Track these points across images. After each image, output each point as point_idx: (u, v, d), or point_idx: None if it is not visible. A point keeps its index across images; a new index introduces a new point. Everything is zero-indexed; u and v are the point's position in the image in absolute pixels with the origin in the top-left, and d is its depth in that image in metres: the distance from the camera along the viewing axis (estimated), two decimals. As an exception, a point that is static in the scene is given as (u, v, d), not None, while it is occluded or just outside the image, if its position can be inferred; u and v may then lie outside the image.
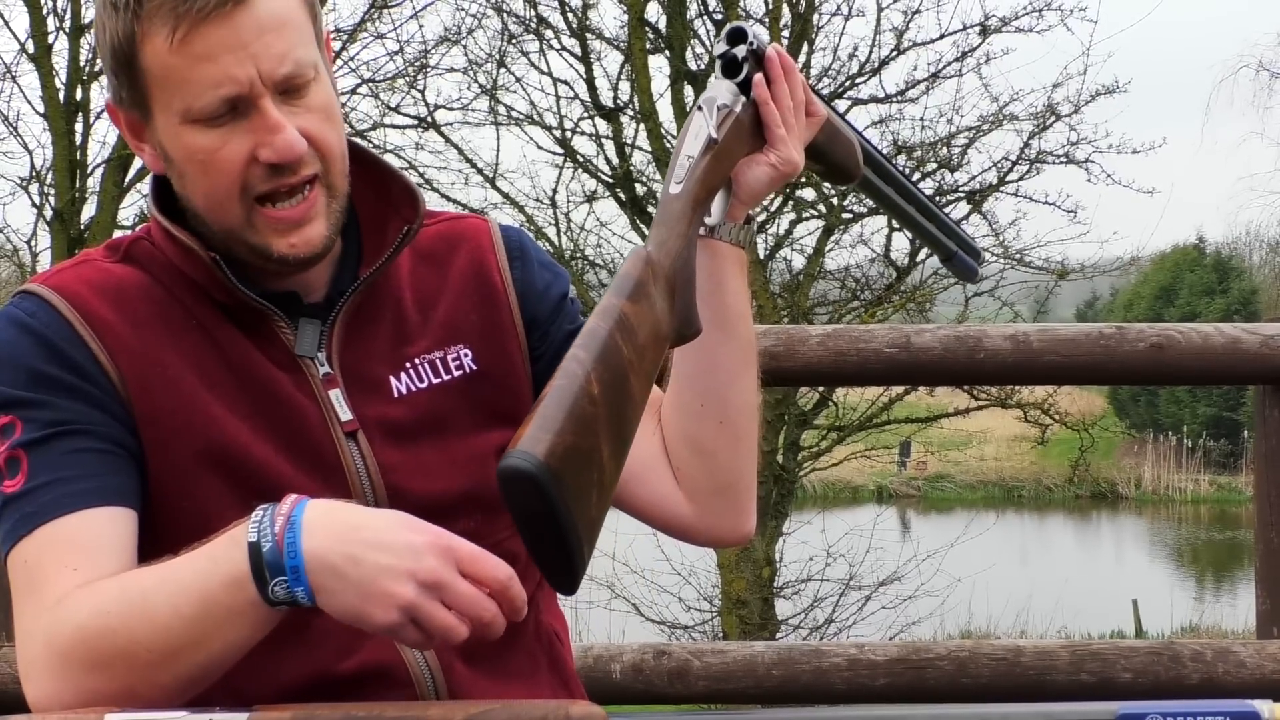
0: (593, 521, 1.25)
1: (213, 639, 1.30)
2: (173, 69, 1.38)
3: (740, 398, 1.60)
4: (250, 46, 1.38)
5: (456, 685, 1.48)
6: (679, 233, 1.44)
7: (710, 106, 1.50)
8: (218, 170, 1.41)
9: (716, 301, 1.55)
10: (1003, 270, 11.81)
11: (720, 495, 1.63)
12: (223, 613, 1.29)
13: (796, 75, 1.56)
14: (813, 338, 2.77)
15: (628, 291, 1.36)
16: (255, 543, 1.27)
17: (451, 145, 11.50)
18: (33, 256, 11.09)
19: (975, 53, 11.24)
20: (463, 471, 1.50)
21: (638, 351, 1.34)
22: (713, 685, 2.75)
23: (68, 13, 10.34)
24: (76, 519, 1.37)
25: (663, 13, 11.09)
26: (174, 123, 1.41)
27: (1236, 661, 2.75)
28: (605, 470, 1.27)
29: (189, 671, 1.32)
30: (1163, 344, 2.77)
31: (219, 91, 1.38)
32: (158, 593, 1.31)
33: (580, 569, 1.24)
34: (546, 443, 1.20)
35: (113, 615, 1.31)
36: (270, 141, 1.40)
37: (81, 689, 1.32)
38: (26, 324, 1.44)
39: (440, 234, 1.60)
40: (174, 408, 1.43)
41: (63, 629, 1.33)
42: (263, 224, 1.43)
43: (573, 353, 1.28)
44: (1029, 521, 27.73)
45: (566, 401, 1.24)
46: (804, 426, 11.47)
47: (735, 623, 10.40)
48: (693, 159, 1.47)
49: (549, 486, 1.19)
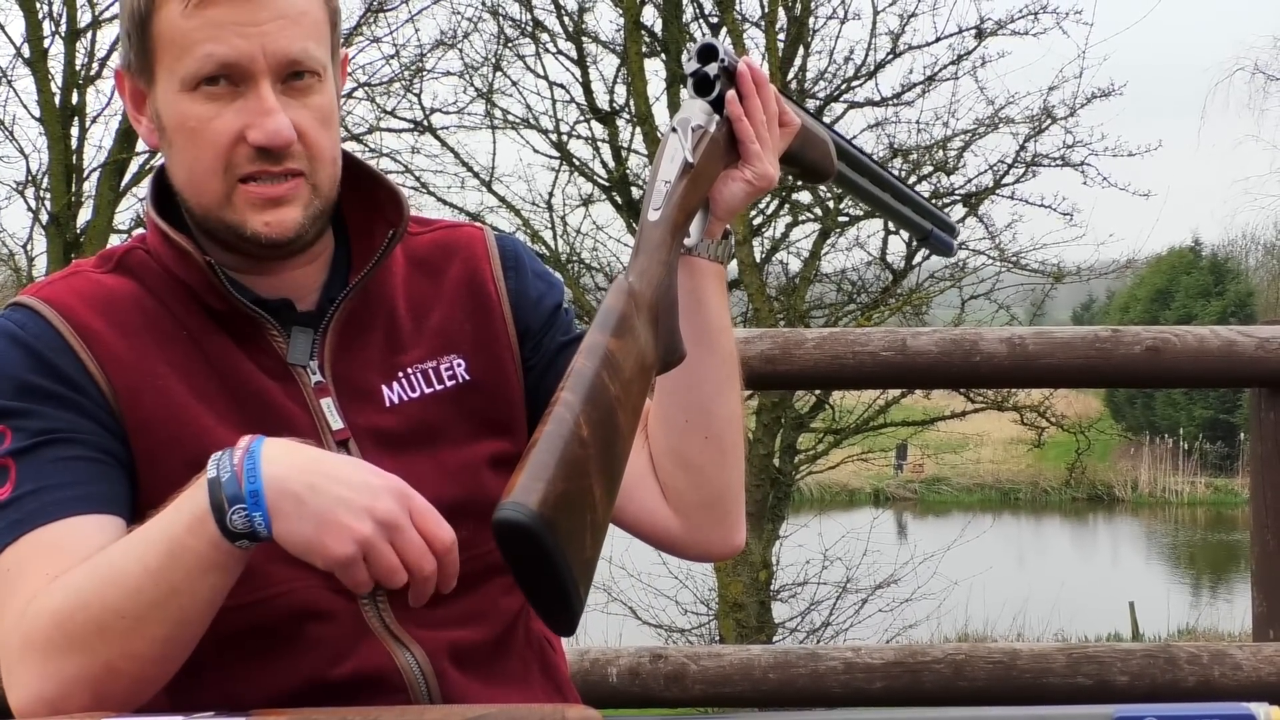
0: (588, 562, 1.26)
1: (181, 590, 1.29)
2: (182, 33, 1.40)
3: (724, 411, 1.60)
4: (263, 25, 1.41)
5: (450, 691, 1.48)
6: (660, 260, 1.44)
7: (684, 129, 1.49)
8: (205, 141, 1.43)
9: (697, 318, 1.55)
10: (999, 273, 11.83)
11: (708, 508, 1.63)
12: (190, 557, 1.28)
13: (768, 88, 1.55)
14: (809, 341, 2.77)
15: (611, 327, 1.36)
16: (214, 477, 1.27)
17: (447, 149, 11.53)
18: (29, 261, 11.09)
19: (971, 56, 11.29)
20: (454, 480, 1.50)
21: (624, 386, 1.34)
22: (709, 689, 2.75)
23: (64, 17, 10.35)
24: (62, 526, 1.36)
25: (659, 16, 11.10)
26: (173, 89, 1.43)
27: (1233, 664, 2.76)
28: (598, 509, 1.28)
29: (163, 632, 1.31)
30: (1159, 347, 2.77)
31: (216, 55, 1.40)
32: (125, 555, 1.31)
33: (578, 611, 1.25)
34: (539, 492, 1.21)
35: (84, 589, 1.31)
36: (261, 124, 1.41)
37: (62, 677, 1.31)
38: (17, 335, 1.44)
39: (435, 242, 1.60)
40: (165, 418, 1.43)
41: (37, 620, 1.32)
42: (240, 200, 1.44)
43: (561, 395, 1.29)
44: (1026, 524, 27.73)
45: (557, 447, 1.24)
46: (800, 429, 11.48)
47: (732, 626, 10.41)
48: (669, 184, 1.47)
49: (544, 537, 1.19)
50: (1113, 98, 11.47)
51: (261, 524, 1.27)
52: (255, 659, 1.43)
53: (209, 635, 1.41)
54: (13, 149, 10.64)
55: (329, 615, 1.45)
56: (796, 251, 11.67)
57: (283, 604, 1.43)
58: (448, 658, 1.48)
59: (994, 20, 11.15)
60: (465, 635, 1.50)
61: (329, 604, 1.45)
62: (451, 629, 1.50)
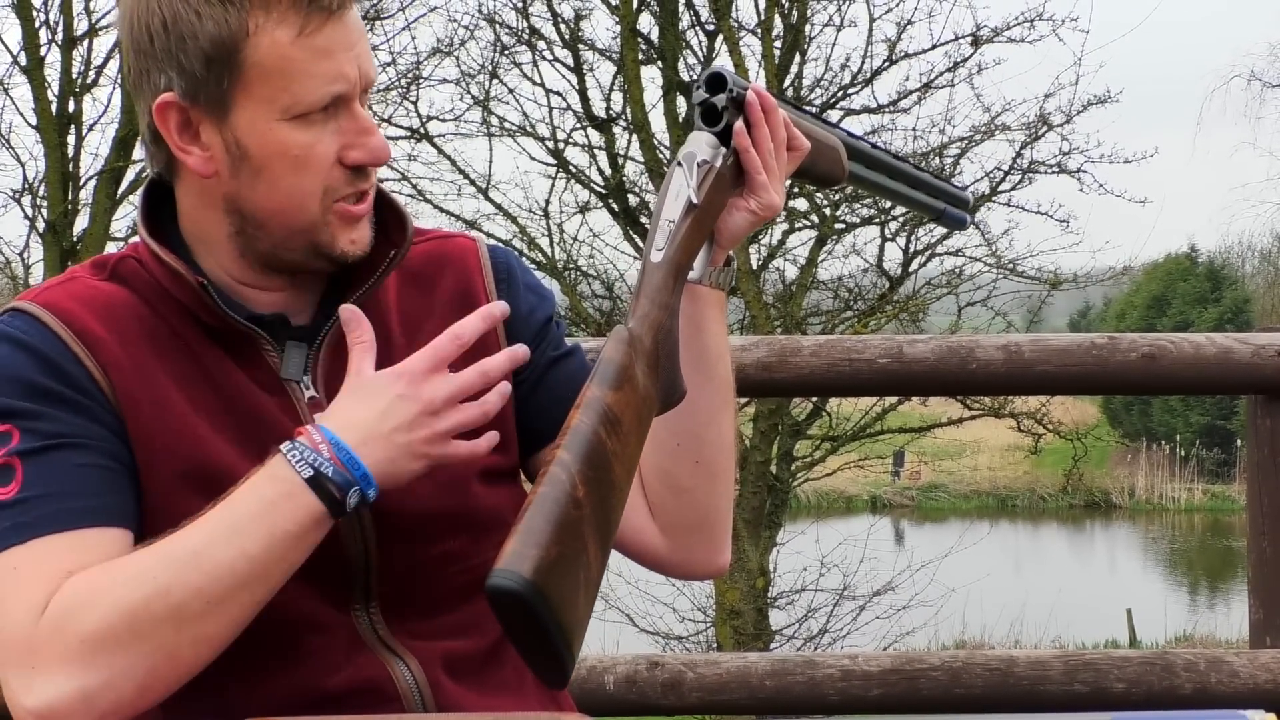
0: (580, 621, 1.26)
1: (275, 570, 1.35)
2: (292, 62, 1.39)
3: (717, 437, 1.60)
4: (356, 46, 1.42)
5: (444, 700, 1.48)
6: (661, 303, 1.43)
7: (690, 164, 1.48)
8: (311, 168, 1.42)
9: (696, 345, 1.54)
10: (995, 280, 11.85)
11: (695, 531, 1.62)
12: (291, 540, 1.35)
13: (777, 115, 1.54)
14: (805, 348, 2.77)
15: (610, 379, 1.36)
16: (315, 475, 1.35)
17: (444, 156, 11.55)
18: (25, 269, 11.08)
19: (967, 63, 11.31)
20: (447, 494, 1.50)
21: (622, 440, 1.34)
22: (706, 696, 2.74)
23: (60, 25, 10.36)
24: (74, 537, 1.35)
25: (655, 24, 11.11)
26: (269, 118, 1.40)
27: (1229, 671, 2.75)
28: (592, 566, 1.28)
29: (242, 612, 1.35)
30: (1155, 354, 2.77)
31: (332, 88, 1.40)
32: (212, 545, 1.33)
33: (569, 669, 1.26)
34: (532, 559, 1.21)
35: (160, 577, 1.32)
36: (365, 143, 1.43)
37: (116, 670, 1.30)
38: (20, 340, 1.42)
39: (428, 254, 1.60)
40: (161, 427, 1.42)
41: (86, 614, 1.30)
42: (335, 220, 1.45)
43: (557, 454, 1.29)
44: (1023, 531, 27.75)
45: (552, 511, 1.24)
46: (797, 436, 11.49)
47: (729, 633, 10.41)
48: (673, 223, 1.46)
49: (536, 604, 1.20)
50: (1109, 105, 11.51)
51: (373, 494, 1.38)
52: (249, 670, 1.43)
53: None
54: (9, 157, 10.67)
55: (322, 626, 1.45)
56: (793, 258, 11.69)
57: (277, 615, 1.42)
58: (441, 668, 1.48)
59: (990, 27, 11.18)
60: (459, 645, 1.50)
61: (323, 615, 1.45)
62: (445, 639, 1.49)
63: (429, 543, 1.49)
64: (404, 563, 1.48)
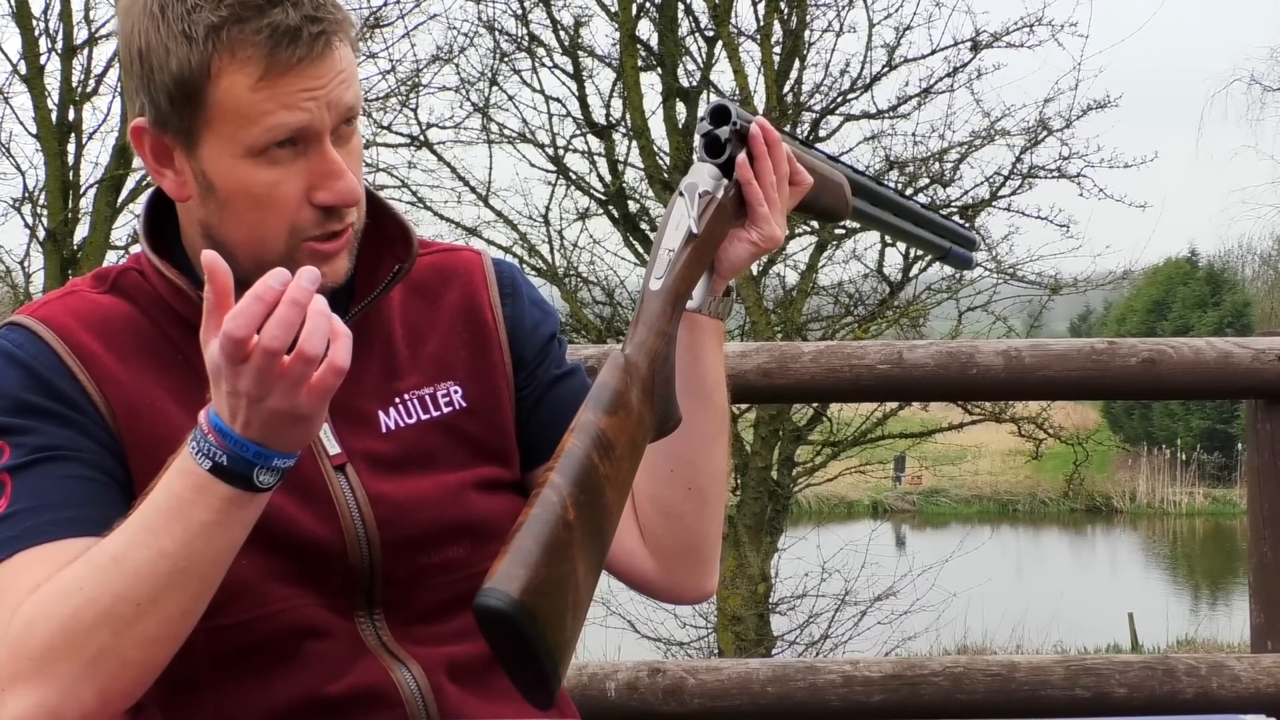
0: (567, 643, 1.26)
1: (201, 561, 1.30)
2: (249, 104, 1.37)
3: (711, 464, 1.60)
4: (327, 88, 1.39)
5: (447, 706, 1.48)
6: (659, 331, 1.44)
7: (692, 195, 1.49)
8: (273, 207, 1.41)
9: (693, 373, 1.55)
10: (996, 285, 11.85)
11: (684, 556, 1.63)
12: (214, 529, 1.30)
13: (780, 149, 1.54)
14: (805, 354, 2.77)
15: (605, 404, 1.36)
16: (215, 466, 1.28)
17: (444, 163, 11.54)
18: (25, 277, 11.08)
19: (967, 68, 11.31)
20: (449, 503, 1.50)
21: (615, 464, 1.35)
22: (707, 703, 2.74)
23: (60, 33, 10.35)
24: (56, 547, 1.35)
25: (654, 30, 11.12)
26: (232, 154, 1.40)
27: (1231, 675, 2.75)
28: (581, 589, 1.29)
29: (181, 608, 1.32)
30: (1155, 359, 2.77)
31: (290, 124, 1.38)
32: (130, 548, 1.30)
33: (555, 689, 1.27)
34: (521, 579, 1.21)
35: (85, 587, 1.30)
36: (330, 186, 1.41)
37: (66, 680, 1.30)
38: (14, 355, 1.43)
39: (433, 266, 1.60)
40: (161, 440, 1.41)
41: (33, 630, 1.31)
42: (302, 256, 1.43)
43: (549, 477, 1.29)
44: (1024, 535, 27.75)
45: (542, 533, 1.25)
46: (798, 442, 11.48)
47: (731, 639, 10.41)
48: (673, 252, 1.46)
49: (523, 624, 1.21)
50: (1109, 109, 11.50)
51: (285, 463, 1.29)
52: (252, 677, 1.43)
53: (205, 653, 1.41)
54: (9, 165, 10.63)
55: (326, 632, 1.46)
56: (793, 264, 11.68)
57: (280, 622, 1.43)
58: (445, 673, 1.49)
59: (989, 33, 11.18)
60: (462, 650, 1.50)
61: (325, 622, 1.46)
62: (448, 644, 1.50)
63: (431, 550, 1.50)
64: (406, 569, 1.49)
